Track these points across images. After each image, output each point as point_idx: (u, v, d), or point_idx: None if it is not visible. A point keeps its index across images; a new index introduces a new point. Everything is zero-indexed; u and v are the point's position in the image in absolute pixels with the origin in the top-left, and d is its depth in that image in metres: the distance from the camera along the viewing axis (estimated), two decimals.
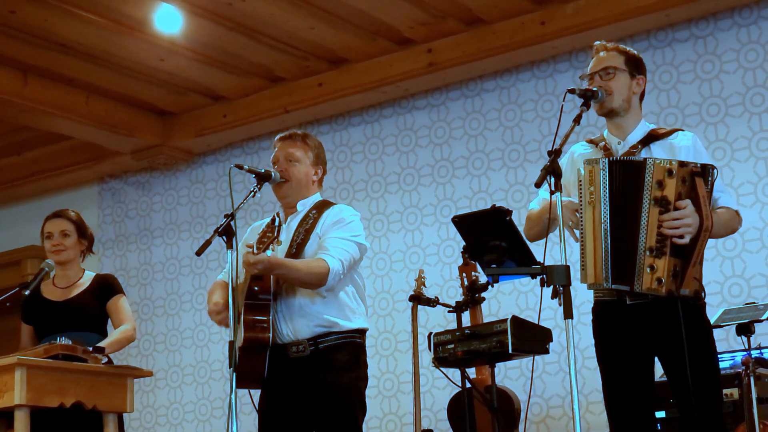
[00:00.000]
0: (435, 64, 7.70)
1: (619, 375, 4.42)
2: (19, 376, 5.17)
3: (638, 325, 4.35)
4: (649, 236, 4.19)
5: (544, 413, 7.33)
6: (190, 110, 8.70)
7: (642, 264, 4.19)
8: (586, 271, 4.28)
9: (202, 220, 9.02)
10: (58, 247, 5.96)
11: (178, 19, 7.26)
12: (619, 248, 4.23)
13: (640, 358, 4.39)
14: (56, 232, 5.98)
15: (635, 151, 4.41)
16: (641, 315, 4.34)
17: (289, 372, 4.79)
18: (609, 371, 4.46)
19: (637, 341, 4.37)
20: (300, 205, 5.01)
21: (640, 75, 4.58)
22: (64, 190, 9.57)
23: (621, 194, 4.26)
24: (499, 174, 7.76)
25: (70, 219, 6.04)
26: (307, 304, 4.79)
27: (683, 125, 6.94)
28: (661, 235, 4.18)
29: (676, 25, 7.24)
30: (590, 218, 4.28)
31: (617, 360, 4.42)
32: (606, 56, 4.55)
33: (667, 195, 4.20)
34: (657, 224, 4.19)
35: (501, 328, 5.73)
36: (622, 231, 4.24)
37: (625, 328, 4.38)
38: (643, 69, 4.61)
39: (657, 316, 4.31)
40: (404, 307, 7.64)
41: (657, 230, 4.18)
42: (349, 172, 8.39)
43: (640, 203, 4.22)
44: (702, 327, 4.37)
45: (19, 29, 7.27)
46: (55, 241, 5.97)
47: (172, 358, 8.97)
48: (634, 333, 4.36)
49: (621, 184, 4.27)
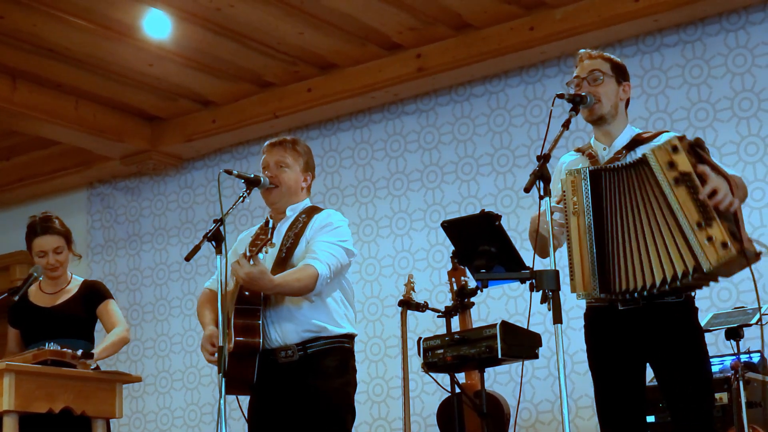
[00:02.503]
0: (424, 69, 7.70)
1: (610, 380, 4.42)
2: (7, 381, 5.17)
3: (630, 331, 4.35)
4: (689, 214, 4.12)
5: (533, 418, 7.33)
6: (179, 115, 8.69)
7: (699, 241, 4.10)
8: (575, 281, 4.28)
9: (191, 225, 9.01)
10: (53, 266, 5.90)
11: (167, 25, 7.25)
12: (603, 257, 4.22)
13: (632, 363, 4.39)
14: (50, 250, 5.90)
15: (620, 156, 4.41)
16: (633, 320, 4.34)
17: (278, 377, 4.79)
18: (601, 377, 4.46)
19: (629, 347, 4.37)
20: (289, 210, 5.01)
21: (626, 82, 4.59)
22: (53, 196, 9.55)
23: (621, 199, 4.25)
24: (488, 179, 7.77)
25: (59, 233, 5.92)
26: (296, 310, 4.79)
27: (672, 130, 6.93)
28: (701, 204, 4.10)
29: (664, 30, 7.26)
30: (575, 228, 4.27)
31: (609, 365, 4.42)
32: (591, 63, 4.56)
33: (683, 170, 4.16)
34: (691, 198, 4.11)
35: (490, 333, 5.74)
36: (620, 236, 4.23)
37: (617, 333, 4.38)
38: (628, 76, 4.62)
39: (648, 321, 4.31)
40: (394, 312, 7.64)
41: (695, 204, 4.10)
42: (338, 177, 8.39)
43: (661, 191, 4.17)
44: (694, 331, 4.36)
45: (8, 34, 7.26)
46: (51, 260, 5.89)
47: (161, 364, 8.96)
48: (625, 339, 4.36)
49: (621, 189, 4.26)
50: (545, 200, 4.07)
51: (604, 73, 4.52)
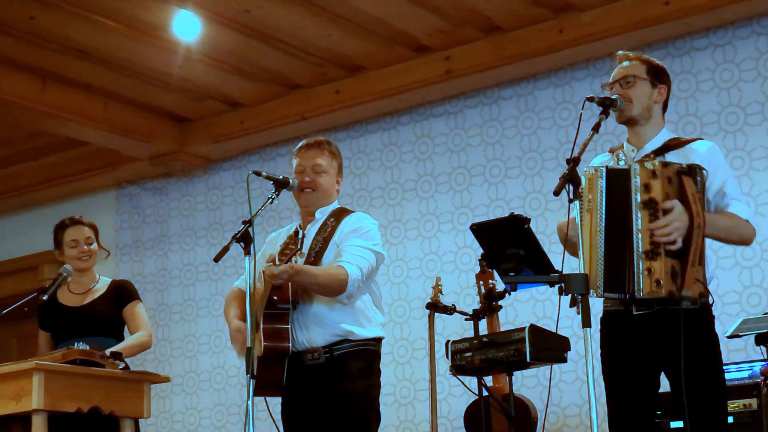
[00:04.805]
0: (452, 71, 7.69)
1: (622, 386, 4.40)
2: (36, 380, 5.20)
3: (643, 336, 4.33)
4: (643, 240, 4.15)
5: (560, 422, 7.31)
6: (207, 117, 8.71)
7: (639, 269, 4.15)
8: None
9: (219, 226, 9.02)
10: (85, 255, 6.00)
11: (196, 26, 7.26)
12: (612, 256, 4.21)
13: (645, 369, 4.36)
14: (81, 239, 6.01)
15: (648, 160, 4.40)
16: (646, 326, 4.31)
17: (304, 380, 4.80)
18: (612, 381, 4.45)
19: (642, 352, 4.34)
20: (319, 212, 5.02)
21: (662, 84, 4.57)
22: (81, 196, 9.58)
23: (615, 201, 4.24)
24: (516, 182, 7.75)
25: (90, 226, 6.10)
26: (325, 313, 4.79)
27: (702, 134, 6.91)
28: (653, 239, 4.15)
29: (694, 33, 7.22)
30: (587, 226, 4.25)
31: (621, 370, 4.40)
32: (628, 66, 4.55)
33: (654, 196, 4.17)
34: (647, 228, 4.15)
35: (519, 336, 5.73)
36: (616, 238, 4.21)
37: (631, 338, 4.35)
38: (666, 79, 4.60)
39: (661, 327, 4.28)
40: (421, 314, 7.63)
41: (648, 234, 4.15)
42: (366, 179, 8.39)
43: (629, 208, 4.20)
44: (708, 339, 4.33)
45: (38, 35, 7.29)
46: (82, 248, 6.00)
47: (188, 364, 8.98)
48: (639, 344, 4.34)
49: (616, 192, 4.25)
50: (575, 204, 4.07)
51: (637, 77, 4.50)
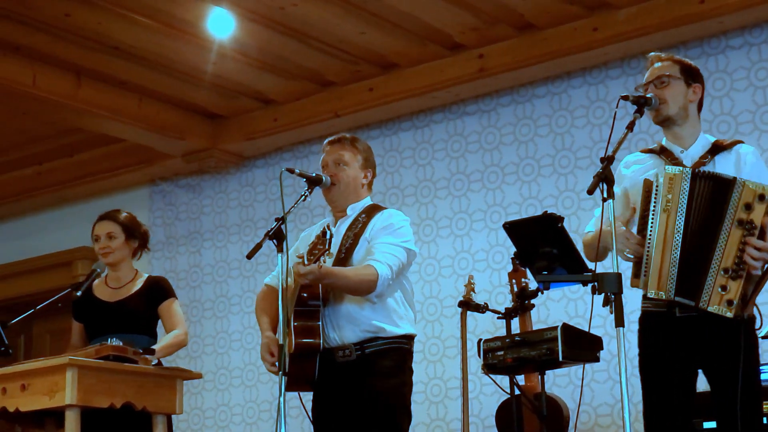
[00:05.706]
0: (486, 69, 7.67)
1: (661, 386, 4.40)
2: (70, 376, 5.22)
3: (686, 338, 4.33)
4: (726, 256, 4.15)
5: (592, 422, 7.28)
6: (241, 114, 8.73)
7: (713, 282, 4.15)
8: (648, 279, 4.25)
9: (252, 223, 9.04)
10: (105, 250, 6.03)
11: (230, 23, 7.28)
12: (688, 261, 4.19)
13: (684, 370, 4.37)
14: (102, 234, 6.04)
15: (705, 161, 4.39)
16: (689, 328, 4.32)
17: (336, 376, 4.81)
18: (651, 381, 4.45)
19: (683, 353, 4.34)
20: (350, 209, 5.02)
21: (696, 83, 4.55)
22: (115, 192, 9.62)
23: (702, 208, 4.22)
24: (549, 180, 7.73)
25: (116, 221, 6.08)
26: (356, 310, 4.80)
27: (736, 133, 6.88)
28: (740, 258, 4.14)
29: (729, 32, 7.18)
30: (663, 225, 4.23)
31: (661, 371, 4.40)
32: (661, 66, 4.54)
33: (753, 219, 4.14)
34: (738, 246, 4.14)
35: (551, 335, 5.72)
36: (697, 245, 4.20)
37: (673, 339, 4.35)
38: (700, 78, 4.58)
39: (705, 329, 4.29)
40: (453, 312, 7.62)
41: (736, 252, 4.14)
42: (398, 177, 8.38)
43: (720, 221, 4.17)
44: (750, 343, 4.34)
45: (73, 32, 7.33)
46: (102, 243, 6.03)
47: (220, 361, 9.00)
48: (680, 345, 4.34)
49: (704, 199, 4.23)
50: (608, 203, 4.05)
51: (671, 76, 4.49)
